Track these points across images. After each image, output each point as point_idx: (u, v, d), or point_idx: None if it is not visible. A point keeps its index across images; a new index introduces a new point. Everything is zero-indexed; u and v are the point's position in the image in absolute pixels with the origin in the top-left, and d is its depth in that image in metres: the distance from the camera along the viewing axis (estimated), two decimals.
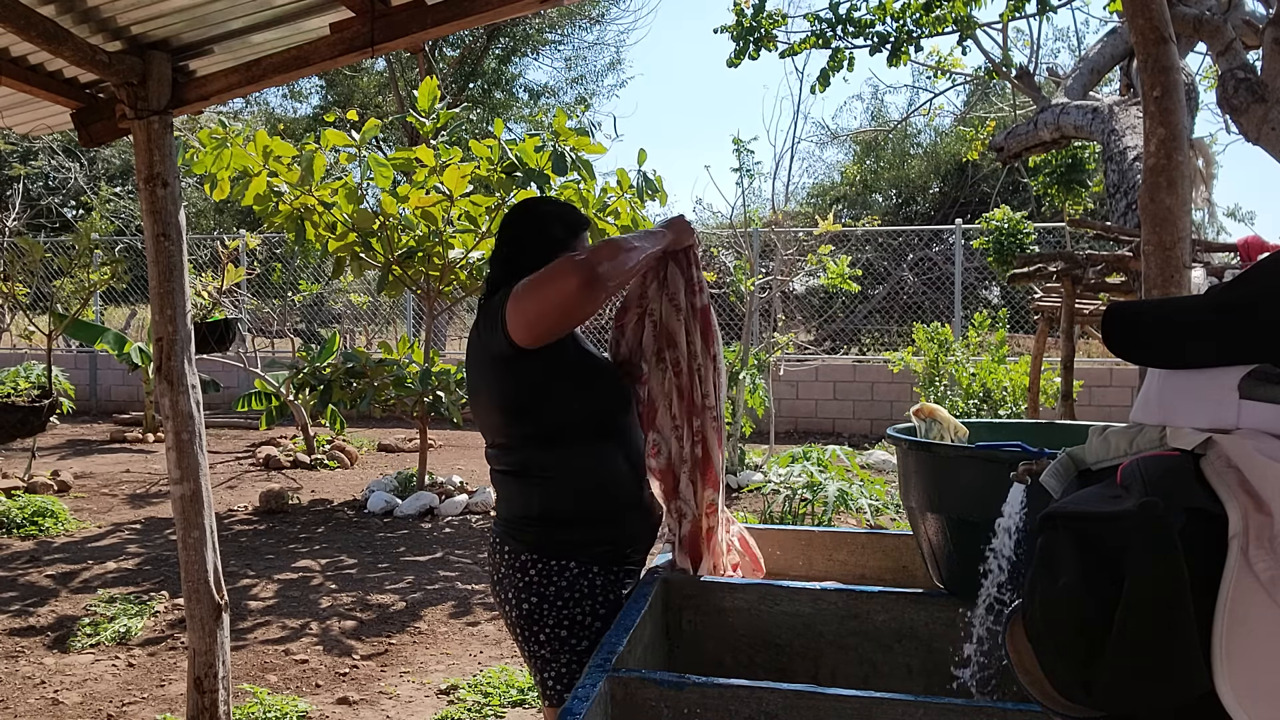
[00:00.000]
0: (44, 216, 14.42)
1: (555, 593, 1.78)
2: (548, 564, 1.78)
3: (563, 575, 1.78)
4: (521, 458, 1.81)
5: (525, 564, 1.79)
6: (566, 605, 1.78)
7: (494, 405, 1.81)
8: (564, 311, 1.65)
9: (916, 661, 1.67)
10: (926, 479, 1.66)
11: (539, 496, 1.80)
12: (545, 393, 1.76)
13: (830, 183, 20.71)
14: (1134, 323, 0.81)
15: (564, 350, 1.77)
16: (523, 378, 1.75)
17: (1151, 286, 1.85)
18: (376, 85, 18.15)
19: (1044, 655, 0.73)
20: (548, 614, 1.78)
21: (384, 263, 6.40)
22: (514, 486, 1.84)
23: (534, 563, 1.79)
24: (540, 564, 1.78)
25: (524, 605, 1.79)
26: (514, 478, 1.83)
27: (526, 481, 1.81)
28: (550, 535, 1.79)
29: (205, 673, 2.73)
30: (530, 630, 1.80)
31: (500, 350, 1.72)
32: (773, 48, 7.22)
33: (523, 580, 1.79)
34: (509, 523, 1.85)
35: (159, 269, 2.64)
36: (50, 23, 2.23)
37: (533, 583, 1.79)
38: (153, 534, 5.88)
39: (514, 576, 1.81)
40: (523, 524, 1.81)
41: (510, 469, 1.83)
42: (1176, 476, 0.69)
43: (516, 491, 1.83)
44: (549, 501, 1.79)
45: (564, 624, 1.78)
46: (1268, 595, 0.61)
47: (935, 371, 8.17)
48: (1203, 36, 4.21)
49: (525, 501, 1.81)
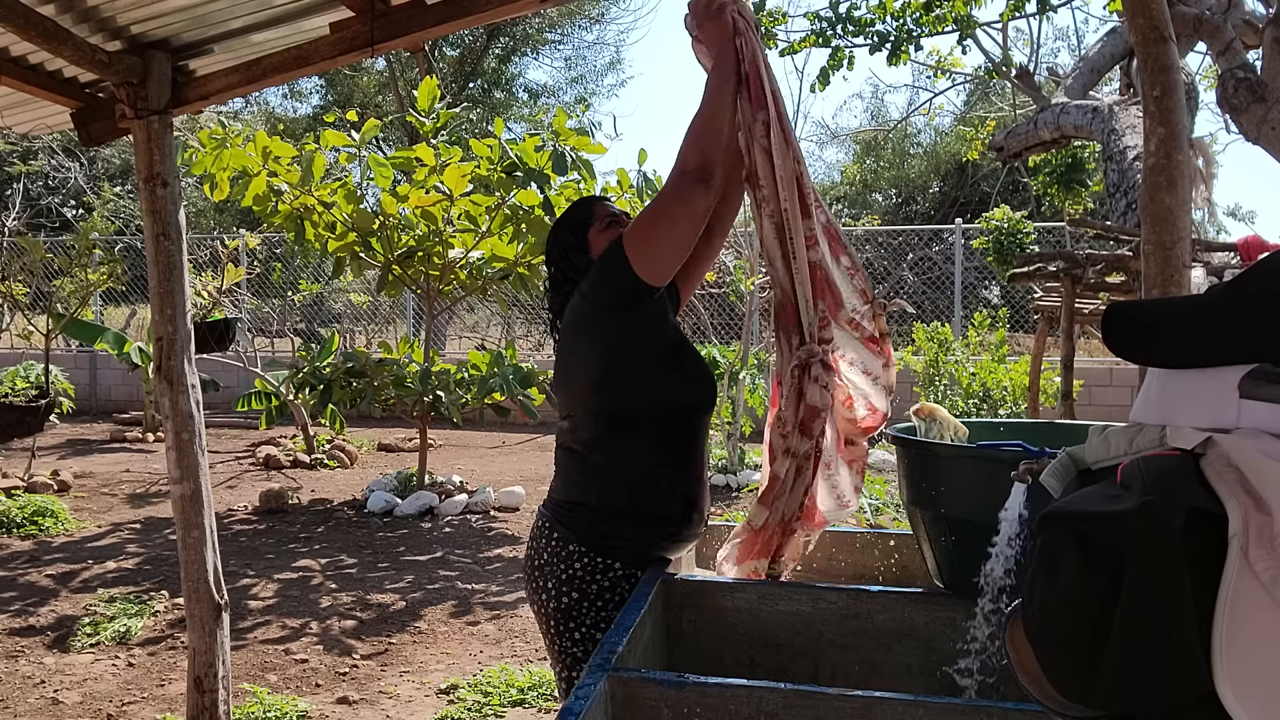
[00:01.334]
0: (44, 216, 14.42)
1: (598, 591, 1.73)
2: (594, 560, 1.73)
3: (607, 574, 1.73)
4: (593, 435, 1.76)
5: (572, 555, 1.74)
6: (606, 606, 1.73)
7: (584, 368, 1.77)
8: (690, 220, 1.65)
9: (916, 661, 1.67)
10: (926, 479, 1.66)
11: (599, 483, 1.75)
12: (637, 359, 1.74)
13: (830, 182, 20.72)
14: (1134, 323, 0.81)
15: (664, 327, 1.77)
16: (623, 333, 1.72)
17: (1151, 286, 1.85)
18: (376, 85, 18.15)
19: (1044, 655, 0.73)
20: (587, 612, 1.73)
21: (384, 262, 6.40)
22: (576, 468, 1.79)
23: (580, 555, 1.73)
24: (587, 558, 1.73)
25: (564, 599, 1.74)
26: (578, 459, 1.78)
27: (590, 464, 1.76)
28: (602, 529, 1.74)
29: (205, 672, 2.73)
30: (566, 625, 1.74)
31: (615, 295, 1.71)
32: (773, 46, 7.22)
33: (566, 572, 1.74)
34: (562, 507, 1.79)
35: (159, 269, 2.64)
36: (50, 22, 2.23)
37: (576, 576, 1.73)
38: (153, 534, 5.87)
39: (557, 566, 1.75)
40: (577, 510, 1.76)
41: (578, 447, 1.78)
42: (1176, 476, 0.69)
43: (577, 473, 1.78)
44: (609, 491, 1.74)
45: (601, 625, 1.72)
46: (1268, 595, 0.61)
47: (935, 371, 8.17)
48: (1203, 36, 4.21)
49: (584, 487, 1.76)
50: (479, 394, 6.34)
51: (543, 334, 14.32)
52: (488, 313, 14.82)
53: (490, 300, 8.52)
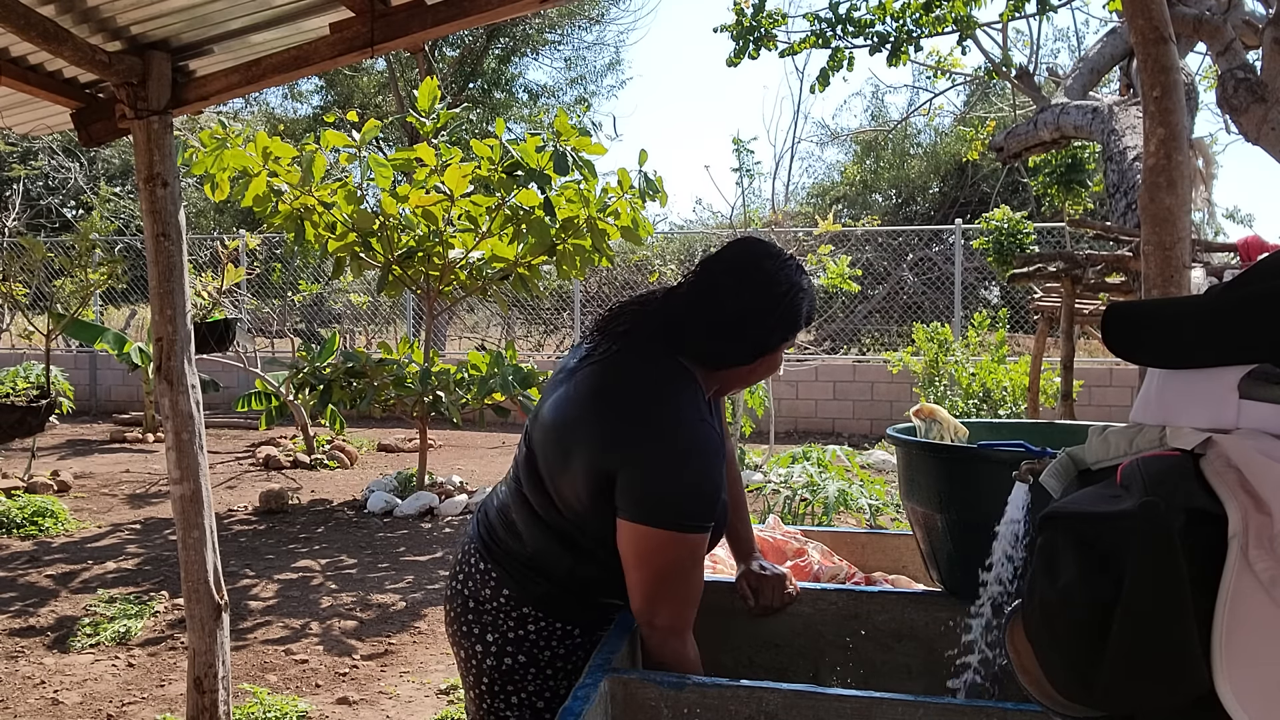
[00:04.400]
0: (44, 216, 14.42)
1: (549, 659, 1.55)
2: (551, 625, 1.55)
3: (564, 641, 1.56)
4: (569, 531, 1.51)
5: (525, 617, 1.54)
6: (555, 675, 1.56)
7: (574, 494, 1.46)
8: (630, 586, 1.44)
9: (916, 661, 1.67)
10: (926, 479, 1.66)
11: (564, 566, 1.53)
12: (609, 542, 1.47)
13: (830, 183, 20.71)
14: (1134, 323, 0.81)
15: None
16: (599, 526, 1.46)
17: (1151, 286, 1.85)
18: (376, 85, 18.15)
19: (1044, 655, 0.73)
20: (533, 678, 1.55)
21: (384, 263, 6.40)
22: (538, 534, 1.53)
23: (536, 619, 1.54)
24: (543, 622, 1.54)
25: (504, 660, 1.55)
26: (544, 528, 1.53)
27: (561, 543, 1.52)
28: (564, 598, 1.55)
29: (205, 673, 2.73)
30: (503, 688, 1.55)
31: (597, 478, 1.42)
32: (773, 47, 7.23)
33: (515, 632, 1.55)
34: (516, 562, 1.55)
35: (159, 269, 2.64)
36: (50, 23, 2.23)
37: (526, 639, 1.54)
38: (153, 534, 5.87)
39: (502, 622, 1.55)
40: (535, 575, 1.54)
41: (558, 530, 1.52)
42: (1176, 476, 0.69)
43: (543, 541, 1.53)
44: (579, 572, 1.53)
45: (544, 694, 1.56)
46: (1268, 595, 0.61)
47: (935, 371, 8.17)
48: (1203, 36, 4.21)
49: (550, 557, 1.53)
50: (479, 394, 6.34)
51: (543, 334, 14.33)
52: (488, 313, 14.83)
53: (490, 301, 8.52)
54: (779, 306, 1.49)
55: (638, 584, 1.42)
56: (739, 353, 1.51)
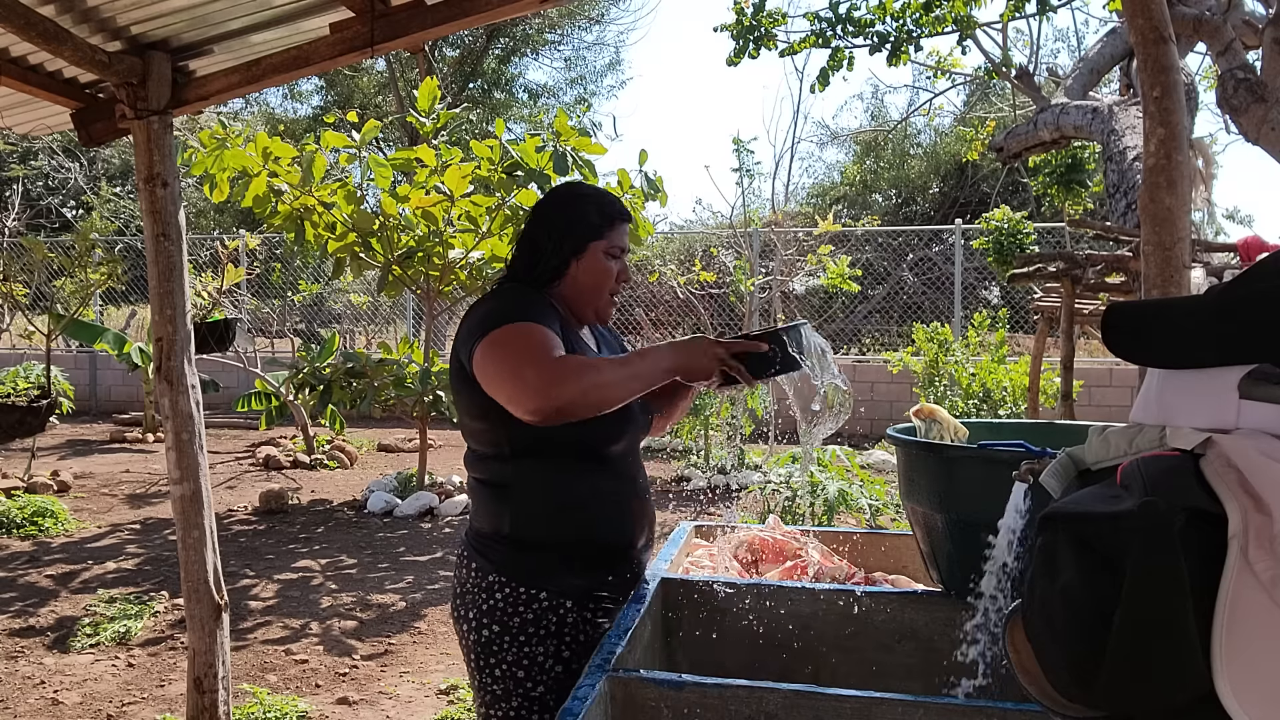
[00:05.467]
0: (44, 216, 14.41)
1: (520, 625, 1.62)
2: (516, 591, 1.63)
3: (530, 606, 1.63)
4: (497, 468, 1.66)
5: (492, 585, 1.64)
6: (529, 641, 1.62)
7: (468, 411, 1.66)
8: (510, 403, 1.48)
9: (916, 661, 1.67)
10: (926, 479, 1.66)
11: (511, 512, 1.65)
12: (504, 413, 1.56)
13: (830, 183, 20.71)
14: (1134, 323, 0.81)
15: None
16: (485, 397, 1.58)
17: (1151, 286, 1.85)
18: (376, 85, 18.15)
19: (1043, 655, 0.73)
20: (508, 647, 1.63)
21: (384, 263, 6.40)
22: (486, 497, 1.69)
23: (501, 585, 1.64)
24: (508, 588, 1.63)
25: (483, 632, 1.64)
26: (487, 488, 1.68)
27: (500, 494, 1.66)
28: (522, 558, 1.64)
29: (205, 673, 2.73)
30: (485, 661, 1.64)
31: (465, 368, 1.59)
32: (772, 47, 7.23)
33: (487, 603, 1.64)
34: (479, 537, 1.69)
35: (159, 269, 2.64)
36: (50, 23, 2.23)
37: (496, 608, 1.63)
38: (152, 534, 5.87)
39: (477, 597, 1.65)
40: (492, 541, 1.66)
41: (484, 478, 1.69)
42: (1176, 476, 0.69)
43: (488, 503, 1.68)
44: (522, 519, 1.65)
45: (522, 662, 1.62)
46: (1268, 595, 0.61)
47: (935, 371, 8.17)
48: (1202, 36, 4.21)
49: (497, 516, 1.66)
50: None
51: None
52: None
53: None
54: (554, 214, 1.72)
55: (512, 389, 1.48)
56: (543, 265, 1.70)
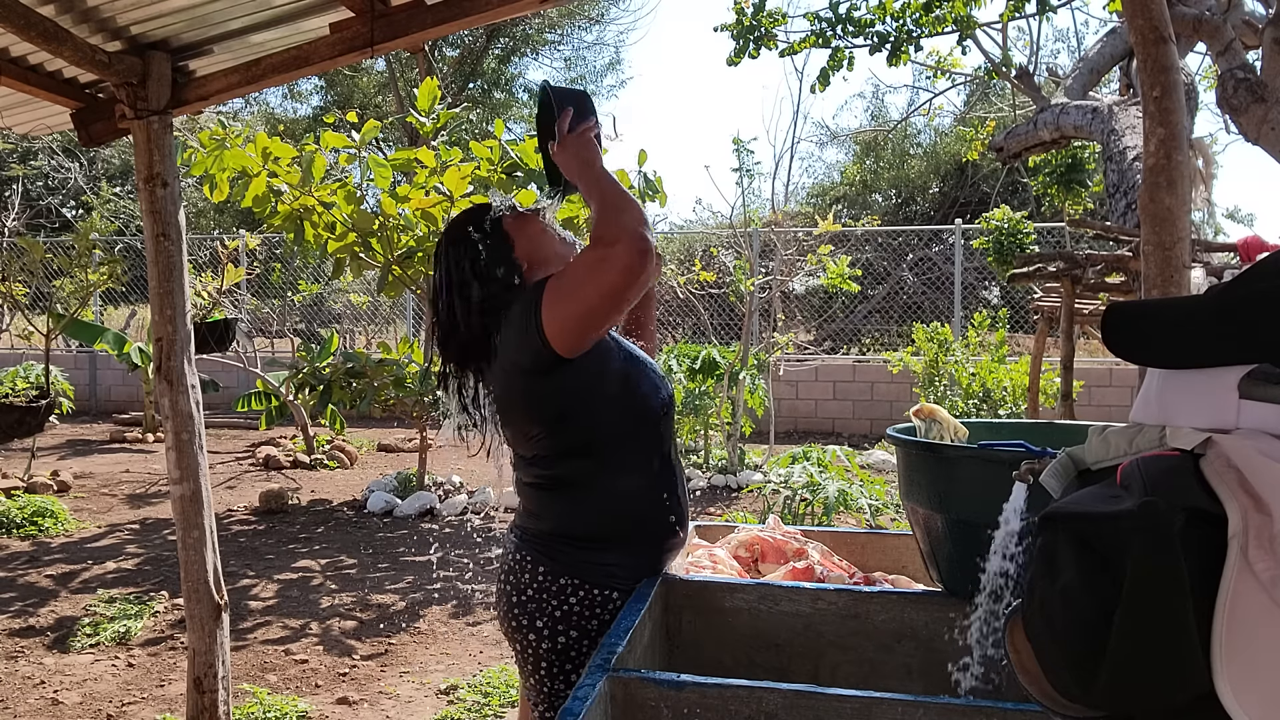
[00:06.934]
0: (44, 216, 14.42)
1: (599, 626, 1.59)
2: (590, 593, 1.59)
3: (606, 607, 1.60)
4: (562, 471, 1.62)
5: (565, 589, 1.59)
6: None
7: (530, 418, 1.60)
8: (621, 294, 1.43)
9: (916, 661, 1.67)
10: (926, 479, 1.66)
11: (582, 514, 1.61)
12: (590, 401, 1.58)
13: (830, 183, 20.71)
14: (1134, 323, 0.81)
15: (609, 351, 1.61)
16: (567, 385, 1.55)
17: (1151, 286, 1.86)
18: (376, 85, 18.16)
19: (1043, 655, 0.73)
20: (586, 651, 1.58)
21: (384, 263, 6.39)
22: (546, 499, 1.64)
23: (575, 589, 1.59)
24: (583, 591, 1.59)
25: (558, 639, 1.59)
26: (549, 492, 1.64)
27: (566, 496, 1.62)
28: (592, 559, 1.61)
29: (205, 673, 2.73)
30: (562, 667, 1.60)
31: (535, 362, 1.52)
32: (773, 47, 7.22)
33: (561, 609, 1.59)
34: (542, 539, 1.64)
35: (159, 269, 2.64)
36: (50, 23, 2.23)
37: (572, 613, 1.59)
38: (152, 534, 5.87)
39: (548, 603, 1.60)
40: (561, 543, 1.62)
41: (545, 483, 1.64)
42: (1176, 476, 0.69)
43: (550, 505, 1.64)
44: (592, 520, 1.62)
45: None
46: (1268, 595, 0.61)
47: (935, 371, 8.17)
48: (1202, 36, 4.21)
49: (562, 517, 1.62)
50: None
51: None
52: None
53: None
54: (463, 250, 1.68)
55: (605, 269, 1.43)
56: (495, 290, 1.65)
